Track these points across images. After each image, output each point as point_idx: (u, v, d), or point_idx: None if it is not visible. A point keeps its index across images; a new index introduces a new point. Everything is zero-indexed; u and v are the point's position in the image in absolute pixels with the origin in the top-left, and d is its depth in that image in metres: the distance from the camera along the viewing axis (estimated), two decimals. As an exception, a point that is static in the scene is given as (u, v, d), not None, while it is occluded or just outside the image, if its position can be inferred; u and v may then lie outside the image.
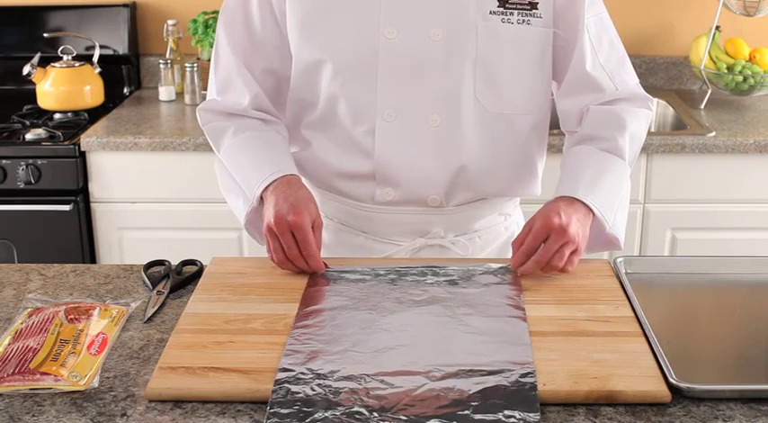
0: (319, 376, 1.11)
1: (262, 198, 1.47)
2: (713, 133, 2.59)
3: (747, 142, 2.55)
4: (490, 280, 1.39)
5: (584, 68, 1.51)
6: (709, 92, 2.90)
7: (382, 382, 1.10)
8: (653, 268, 1.47)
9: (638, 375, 1.12)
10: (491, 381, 1.10)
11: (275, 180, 1.46)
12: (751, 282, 1.45)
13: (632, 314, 1.29)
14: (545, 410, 1.08)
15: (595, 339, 1.21)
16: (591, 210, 1.43)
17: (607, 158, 1.51)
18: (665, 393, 1.10)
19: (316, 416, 1.04)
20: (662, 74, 3.13)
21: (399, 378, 1.11)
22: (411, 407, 1.05)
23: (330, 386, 1.09)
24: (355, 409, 1.05)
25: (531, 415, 1.04)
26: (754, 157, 2.58)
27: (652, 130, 2.93)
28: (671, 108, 2.89)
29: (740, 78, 2.84)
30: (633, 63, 1.68)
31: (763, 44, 2.98)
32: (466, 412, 1.04)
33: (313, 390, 1.08)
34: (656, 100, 2.95)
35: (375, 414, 1.04)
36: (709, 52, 2.87)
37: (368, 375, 1.11)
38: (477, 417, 1.03)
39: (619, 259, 1.45)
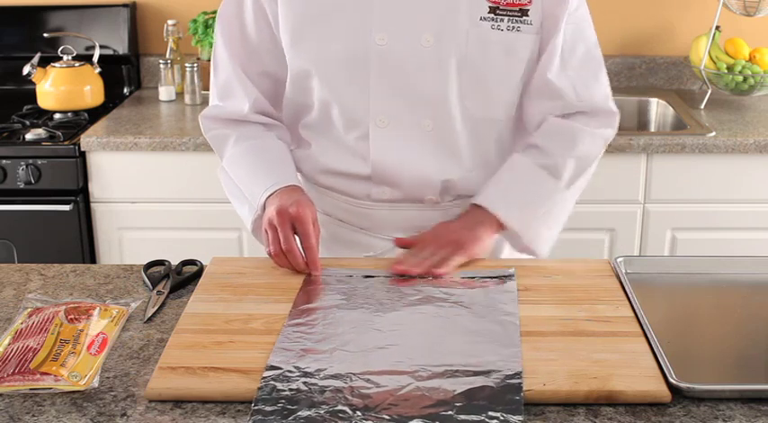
0: (306, 374, 1.11)
1: (265, 205, 1.48)
2: (713, 133, 2.59)
3: (747, 142, 2.55)
4: (485, 281, 1.39)
5: (546, 75, 1.49)
6: (709, 92, 2.90)
7: (368, 381, 1.10)
8: (653, 268, 1.47)
9: (638, 375, 1.12)
10: (477, 381, 1.10)
11: (277, 190, 1.48)
12: (751, 282, 1.45)
13: (632, 314, 1.29)
14: (545, 410, 1.08)
15: (595, 339, 1.21)
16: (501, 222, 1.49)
17: (538, 176, 1.52)
18: (665, 393, 1.10)
19: (299, 414, 1.04)
20: (662, 74, 3.13)
21: (385, 377, 1.11)
22: (395, 406, 1.05)
23: (315, 384, 1.09)
24: (339, 407, 1.05)
25: (514, 417, 1.04)
26: (754, 157, 2.58)
27: (652, 129, 2.93)
28: (671, 108, 2.89)
29: (740, 78, 2.84)
30: (633, 63, 1.68)
31: (763, 44, 2.98)
32: (449, 413, 1.04)
33: (298, 388, 1.09)
34: (656, 100, 2.95)
35: (358, 413, 1.04)
36: (709, 52, 2.87)
37: (354, 374, 1.11)
38: (461, 417, 1.03)
39: (619, 259, 1.45)
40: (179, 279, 1.44)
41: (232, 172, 1.57)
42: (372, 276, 1.40)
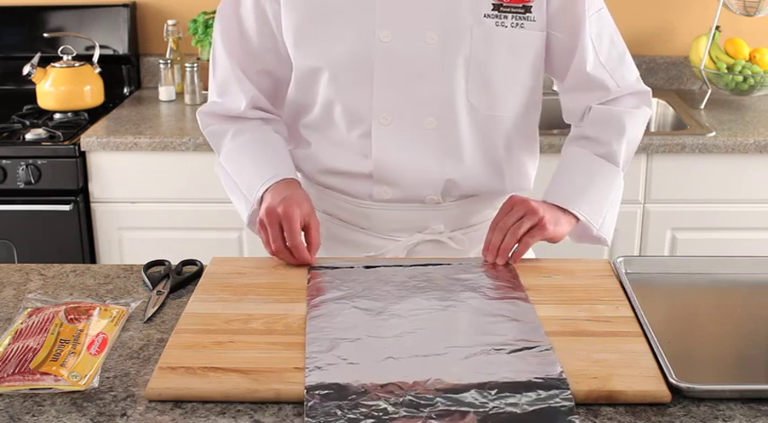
0: (347, 361, 1.13)
1: (262, 199, 1.49)
2: (713, 133, 2.59)
3: (747, 142, 2.55)
4: (482, 267, 1.43)
5: (585, 69, 1.53)
6: (709, 92, 2.90)
7: (410, 362, 1.13)
8: (653, 268, 1.47)
9: (638, 375, 1.12)
10: (513, 358, 1.14)
11: (274, 183, 1.49)
12: (751, 282, 1.45)
13: (632, 314, 1.29)
14: (545, 410, 1.09)
15: (595, 339, 1.21)
16: (576, 217, 1.49)
17: (600, 165, 1.55)
18: (665, 393, 1.10)
19: (354, 391, 1.06)
20: (662, 74, 3.13)
21: (424, 359, 1.14)
22: (442, 381, 1.08)
23: (361, 368, 1.12)
24: (390, 382, 1.08)
25: (564, 392, 1.07)
26: (754, 157, 2.58)
27: (652, 130, 2.93)
28: (671, 108, 2.89)
29: (740, 78, 2.84)
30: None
31: (763, 44, 2.98)
32: (499, 385, 1.07)
33: (346, 371, 1.11)
34: (655, 100, 2.95)
35: (411, 388, 1.07)
36: (709, 52, 2.87)
37: (394, 358, 1.14)
38: (512, 388, 1.07)
39: (619, 259, 1.45)
40: (179, 279, 1.44)
41: (229, 167, 1.58)
42: (374, 267, 1.42)
